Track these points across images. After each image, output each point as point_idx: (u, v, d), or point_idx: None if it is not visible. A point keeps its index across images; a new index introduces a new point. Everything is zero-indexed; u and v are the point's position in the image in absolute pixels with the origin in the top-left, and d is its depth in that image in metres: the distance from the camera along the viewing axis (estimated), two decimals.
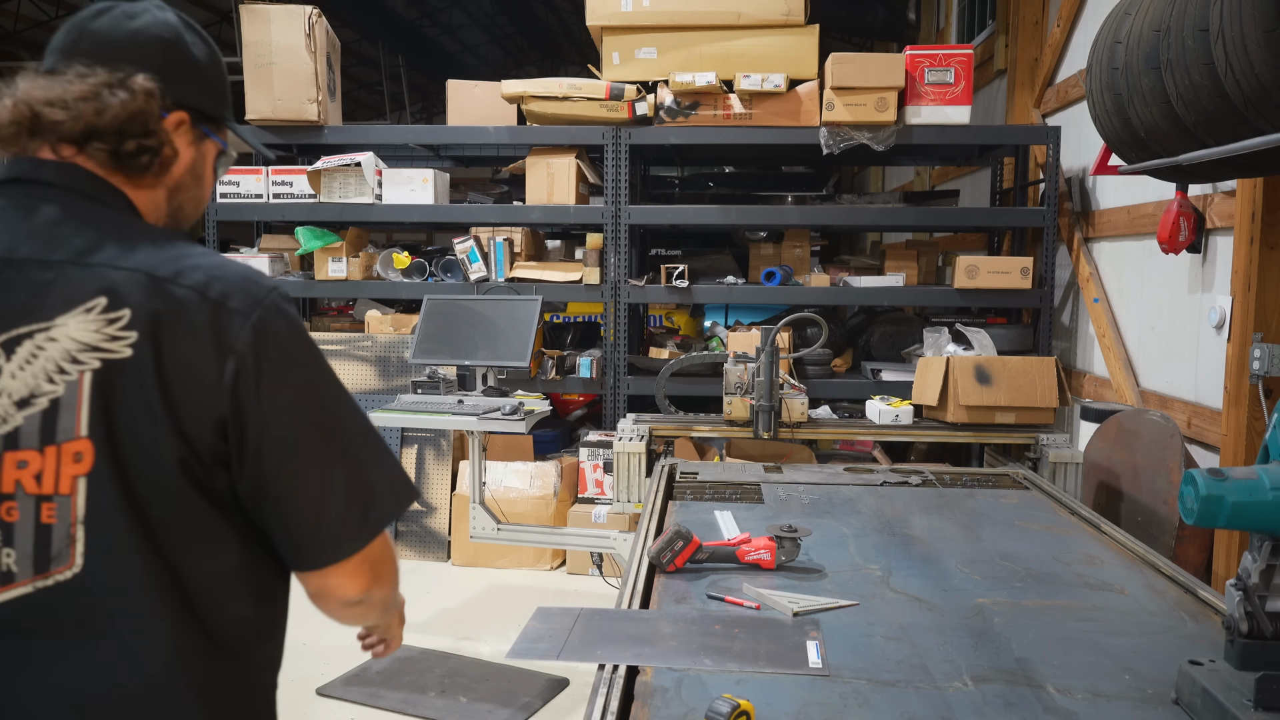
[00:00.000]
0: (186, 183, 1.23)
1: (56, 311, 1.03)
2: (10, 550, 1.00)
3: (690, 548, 2.39)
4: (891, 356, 5.62)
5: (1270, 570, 1.61)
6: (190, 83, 1.20)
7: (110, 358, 1.03)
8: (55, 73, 1.11)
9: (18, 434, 1.02)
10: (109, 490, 1.03)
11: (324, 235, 5.55)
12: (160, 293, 1.05)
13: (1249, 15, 2.31)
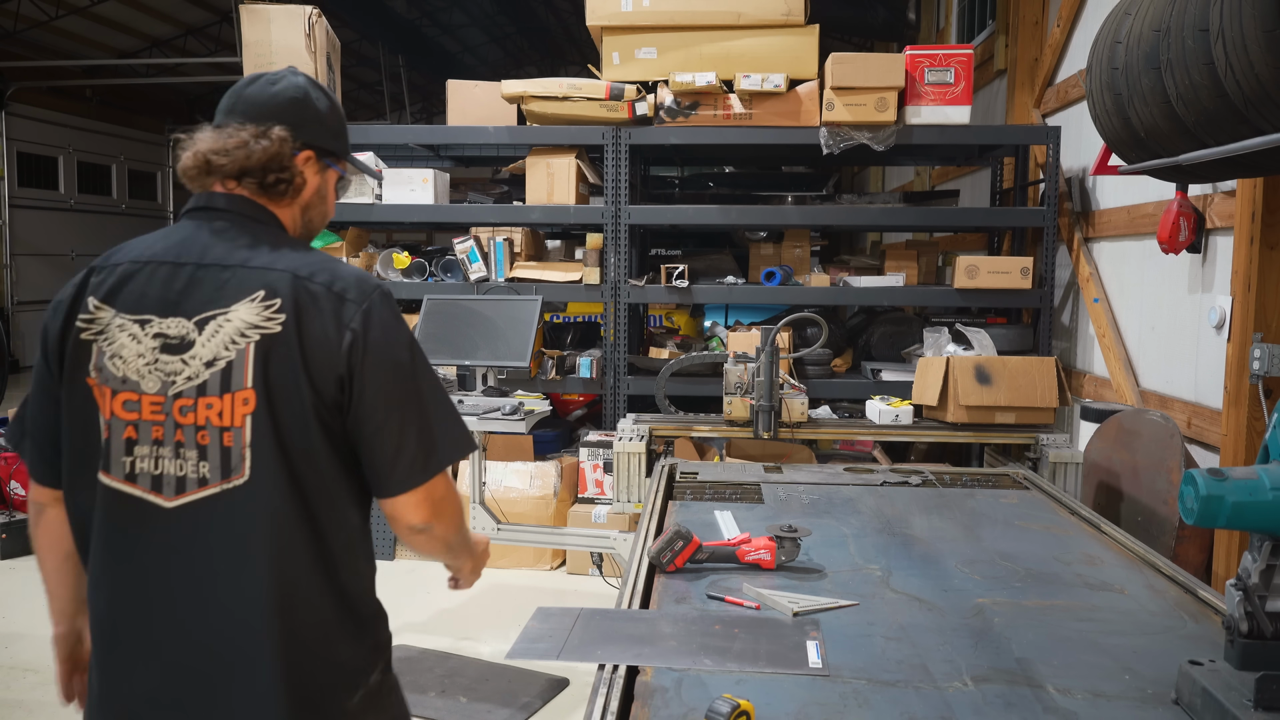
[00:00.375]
0: (314, 202, 1.71)
1: (232, 300, 1.48)
2: (205, 463, 1.46)
3: (690, 548, 2.39)
4: (891, 356, 5.62)
5: (1270, 570, 1.61)
6: (314, 128, 1.64)
7: (268, 332, 1.46)
8: (220, 129, 1.58)
9: (206, 385, 1.47)
10: (265, 424, 1.46)
11: (324, 235, 5.55)
12: (300, 287, 1.48)
13: (1249, 15, 2.31)
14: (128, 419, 1.48)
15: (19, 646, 4.22)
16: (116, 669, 1.49)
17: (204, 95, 17.05)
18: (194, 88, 16.42)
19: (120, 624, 1.48)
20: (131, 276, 1.52)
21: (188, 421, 1.47)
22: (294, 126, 1.60)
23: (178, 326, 1.48)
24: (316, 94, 1.67)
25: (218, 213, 1.57)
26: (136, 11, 13.08)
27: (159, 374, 1.48)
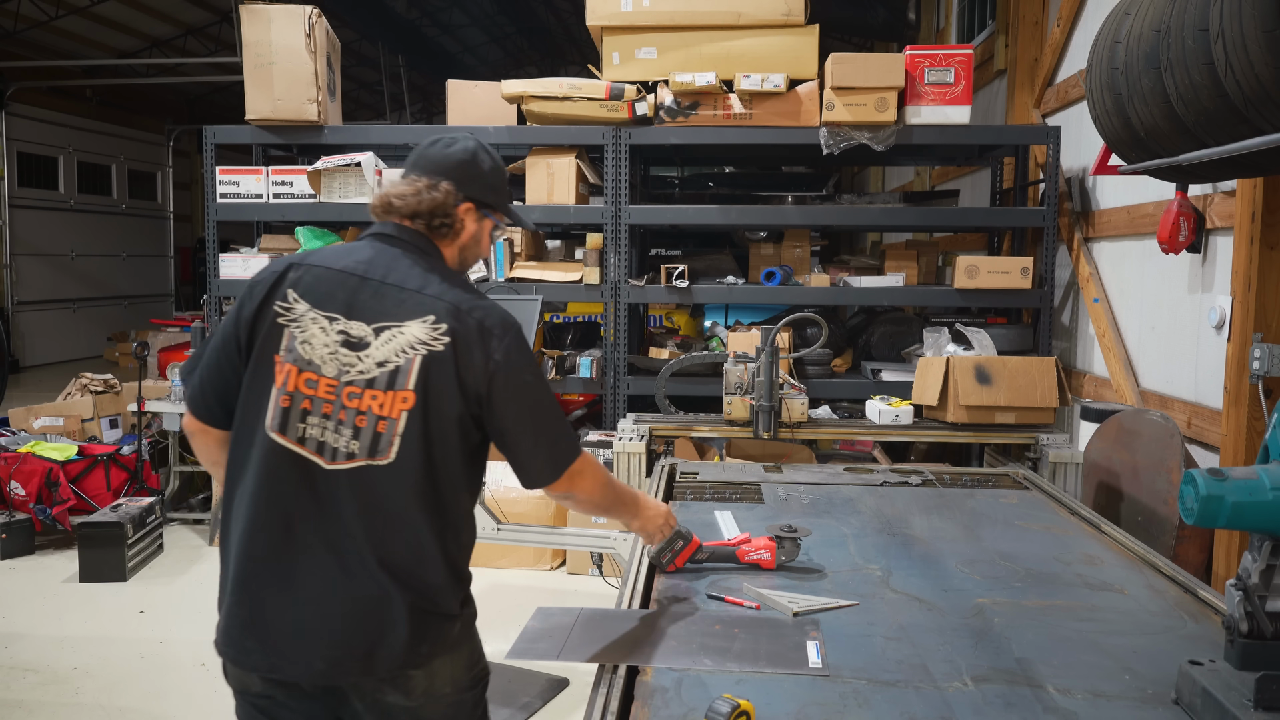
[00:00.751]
0: (470, 244, 2.03)
1: (406, 318, 1.83)
2: (356, 441, 1.80)
3: (690, 548, 2.38)
4: (891, 356, 5.62)
5: (1270, 570, 1.61)
6: (476, 185, 1.99)
7: (432, 350, 1.81)
8: (405, 179, 1.97)
9: (374, 380, 1.81)
10: (417, 421, 1.80)
11: (324, 235, 5.55)
12: (462, 319, 1.84)
13: (1249, 15, 2.31)
14: (306, 394, 1.82)
15: (19, 646, 4.22)
16: (252, 591, 1.84)
17: (204, 95, 17.06)
18: (194, 88, 16.42)
19: (263, 554, 1.82)
20: (325, 280, 1.87)
21: (351, 405, 1.81)
22: (459, 182, 1.96)
23: (359, 329, 1.83)
24: (483, 156, 2.01)
25: (396, 240, 1.94)
26: (136, 11, 13.08)
27: (337, 363, 1.82)
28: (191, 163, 17.65)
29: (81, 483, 5.64)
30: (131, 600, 4.78)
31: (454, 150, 1.98)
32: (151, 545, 5.38)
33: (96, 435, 6.55)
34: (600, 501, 2.08)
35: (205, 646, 4.23)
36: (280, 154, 6.09)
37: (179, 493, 6.21)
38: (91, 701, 3.73)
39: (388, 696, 1.85)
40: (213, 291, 5.65)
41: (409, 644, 1.80)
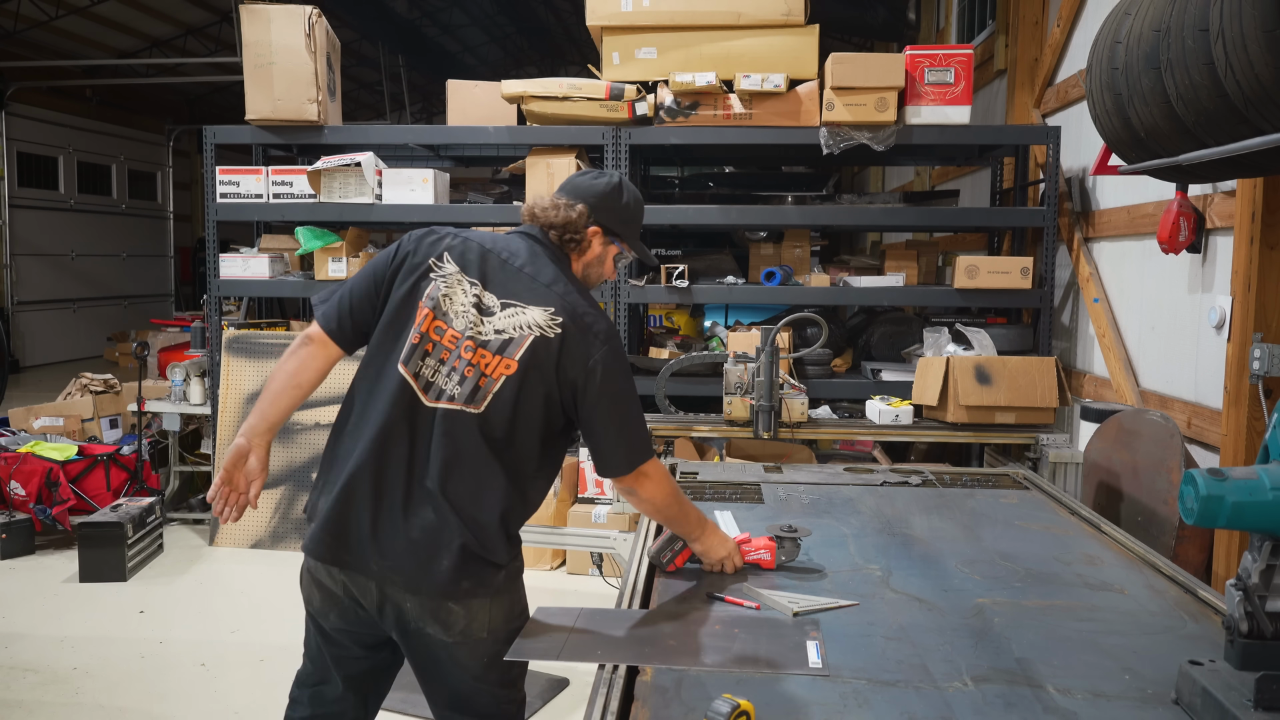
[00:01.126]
0: (593, 263, 2.33)
1: (530, 302, 2.14)
2: (460, 389, 2.10)
3: (690, 548, 2.38)
4: (891, 356, 5.62)
5: (1270, 570, 1.61)
6: (606, 213, 2.29)
7: (545, 334, 2.11)
8: (552, 196, 2.29)
9: (489, 343, 2.12)
10: (512, 387, 2.09)
11: (324, 235, 5.55)
12: (574, 317, 2.13)
13: (1249, 15, 2.31)
14: (433, 339, 2.13)
15: (19, 646, 4.22)
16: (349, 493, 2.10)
17: (204, 95, 17.06)
18: (194, 88, 16.42)
19: (363, 466, 2.09)
20: (475, 252, 2.20)
21: (465, 358, 2.11)
22: (594, 208, 2.27)
23: (489, 299, 2.15)
24: (622, 193, 2.31)
25: (538, 241, 2.25)
26: (136, 11, 13.08)
27: (465, 320, 2.13)
28: (191, 163, 17.65)
29: (81, 483, 5.64)
30: (131, 600, 4.78)
31: (598, 181, 2.30)
32: (151, 545, 5.38)
33: (96, 435, 6.55)
34: (661, 507, 2.27)
35: (205, 646, 4.24)
36: (280, 154, 6.09)
37: (179, 493, 6.21)
38: (91, 701, 3.73)
39: (428, 628, 2.09)
40: (213, 291, 5.66)
41: (451, 575, 2.05)
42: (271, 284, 5.66)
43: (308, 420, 5.57)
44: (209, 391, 5.83)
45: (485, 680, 2.17)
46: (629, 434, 2.17)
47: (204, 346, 5.92)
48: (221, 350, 5.67)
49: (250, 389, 5.64)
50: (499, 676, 2.17)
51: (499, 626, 2.13)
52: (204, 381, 5.97)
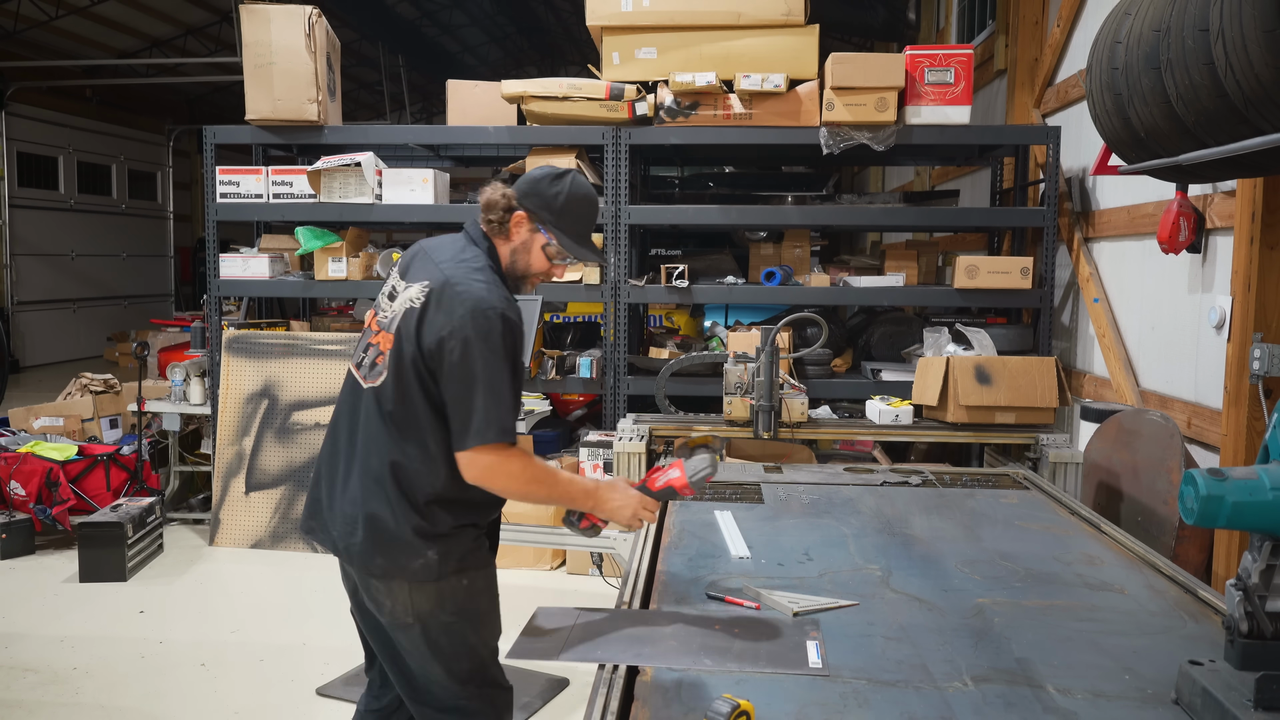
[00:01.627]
0: (519, 250, 2.31)
1: (415, 280, 2.23)
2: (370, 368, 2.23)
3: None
4: (891, 356, 5.62)
5: (1270, 570, 1.61)
6: (533, 198, 2.28)
7: (413, 305, 2.18)
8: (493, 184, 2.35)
9: (384, 323, 2.24)
10: (393, 360, 2.18)
11: (324, 235, 5.55)
12: (445, 286, 2.16)
13: (1249, 15, 2.31)
14: (369, 332, 2.30)
15: (19, 646, 4.22)
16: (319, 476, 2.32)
17: (204, 95, 17.05)
18: (194, 88, 16.42)
19: (325, 449, 2.33)
20: (411, 253, 2.36)
21: (374, 341, 2.26)
22: (521, 194, 2.28)
23: (399, 286, 2.26)
24: (558, 183, 2.28)
25: (466, 230, 2.34)
26: (136, 11, 13.08)
27: (381, 309, 2.29)
28: (191, 163, 17.65)
29: (81, 483, 5.64)
30: (131, 600, 4.78)
31: (538, 173, 2.31)
32: (151, 545, 5.38)
33: (96, 435, 6.55)
34: (518, 494, 2.22)
35: (205, 646, 4.24)
36: (280, 154, 6.09)
37: (179, 493, 6.21)
38: (91, 701, 3.73)
39: (367, 603, 2.26)
40: (213, 291, 5.66)
41: (364, 548, 2.17)
42: (271, 284, 5.65)
43: (307, 420, 5.57)
44: (209, 391, 5.83)
45: (433, 671, 2.23)
46: (475, 410, 2.10)
47: (204, 346, 5.92)
48: (221, 350, 5.67)
49: (250, 389, 5.64)
50: (446, 668, 2.23)
51: (426, 615, 2.19)
52: (204, 381, 5.97)
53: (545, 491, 2.23)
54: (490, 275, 2.22)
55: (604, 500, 2.28)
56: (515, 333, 2.16)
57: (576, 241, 2.30)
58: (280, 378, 5.60)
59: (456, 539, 2.21)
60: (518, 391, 2.20)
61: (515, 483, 2.17)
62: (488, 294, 2.15)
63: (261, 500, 5.58)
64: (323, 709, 3.67)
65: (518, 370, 2.18)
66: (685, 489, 2.28)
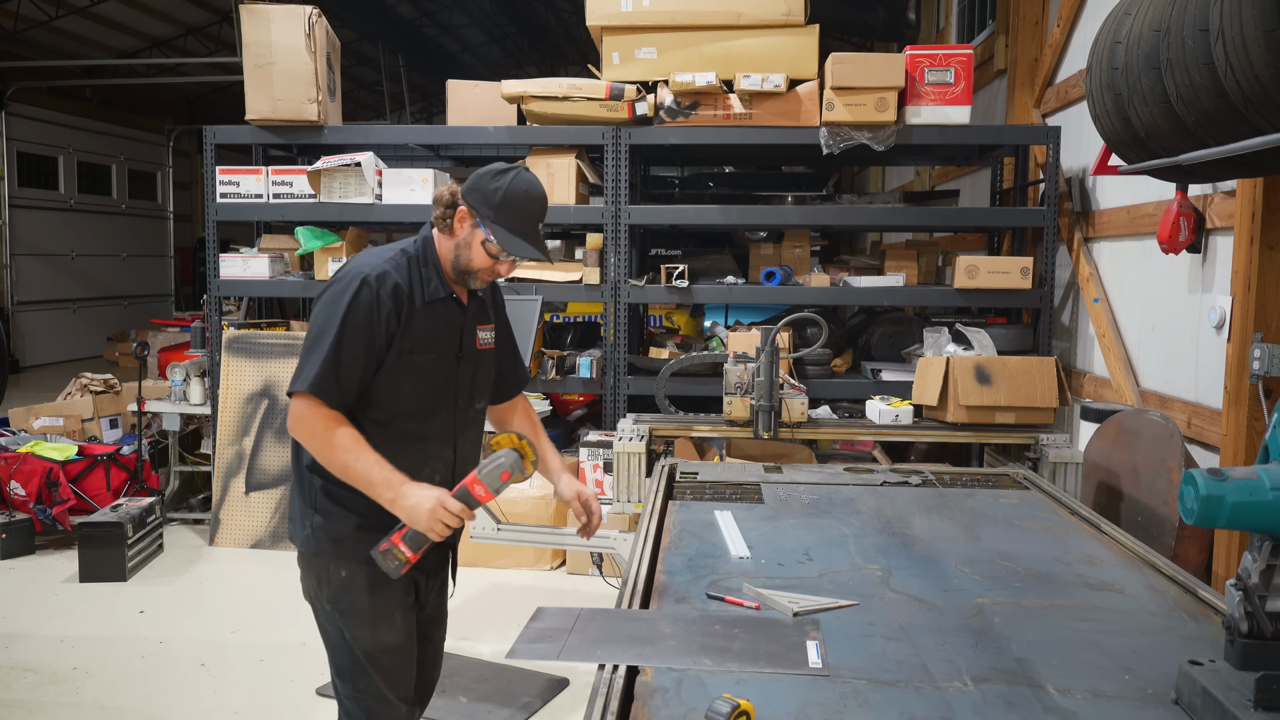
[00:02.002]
0: (461, 246, 2.30)
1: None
2: None
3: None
4: (891, 356, 5.62)
5: (1270, 570, 1.61)
6: (474, 193, 2.26)
7: None
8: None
9: None
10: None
11: (324, 235, 5.55)
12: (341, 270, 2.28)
13: (1249, 15, 2.31)
14: None
15: (19, 646, 4.22)
16: None
17: (204, 95, 17.05)
18: (194, 88, 16.42)
19: None
20: None
21: None
22: (465, 189, 2.28)
23: None
24: (501, 179, 2.25)
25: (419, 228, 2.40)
26: (136, 11, 13.08)
27: None
28: (191, 163, 17.65)
29: (81, 483, 5.64)
30: (131, 600, 4.78)
31: (486, 170, 2.27)
32: (151, 545, 5.38)
33: (96, 435, 6.55)
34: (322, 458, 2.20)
35: (205, 646, 4.24)
36: (280, 154, 6.09)
37: (179, 493, 6.21)
38: (91, 701, 3.73)
39: None
40: (213, 291, 5.66)
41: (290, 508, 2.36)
42: (271, 284, 5.66)
43: None
44: (209, 391, 5.83)
45: (327, 656, 2.34)
46: (302, 359, 2.19)
47: (204, 346, 5.92)
48: (221, 350, 5.67)
49: (250, 389, 5.64)
50: (330, 657, 2.33)
51: (312, 595, 2.31)
52: (204, 381, 5.97)
53: (342, 461, 2.15)
54: (395, 257, 2.26)
55: (402, 495, 2.14)
56: (371, 298, 2.17)
57: (518, 237, 2.25)
58: (280, 378, 5.60)
59: (335, 519, 2.26)
60: (354, 355, 2.17)
61: (315, 441, 2.17)
62: (363, 263, 2.22)
63: (261, 500, 5.58)
64: (323, 709, 3.67)
65: (360, 334, 2.16)
66: (476, 484, 2.16)
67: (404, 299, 2.22)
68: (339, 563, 2.26)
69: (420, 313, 2.27)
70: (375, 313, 2.17)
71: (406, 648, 2.38)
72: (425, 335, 2.28)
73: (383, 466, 2.15)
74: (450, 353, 2.34)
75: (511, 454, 2.19)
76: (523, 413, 2.69)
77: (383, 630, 2.31)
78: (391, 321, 2.20)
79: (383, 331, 2.19)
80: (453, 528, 2.16)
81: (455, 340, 2.35)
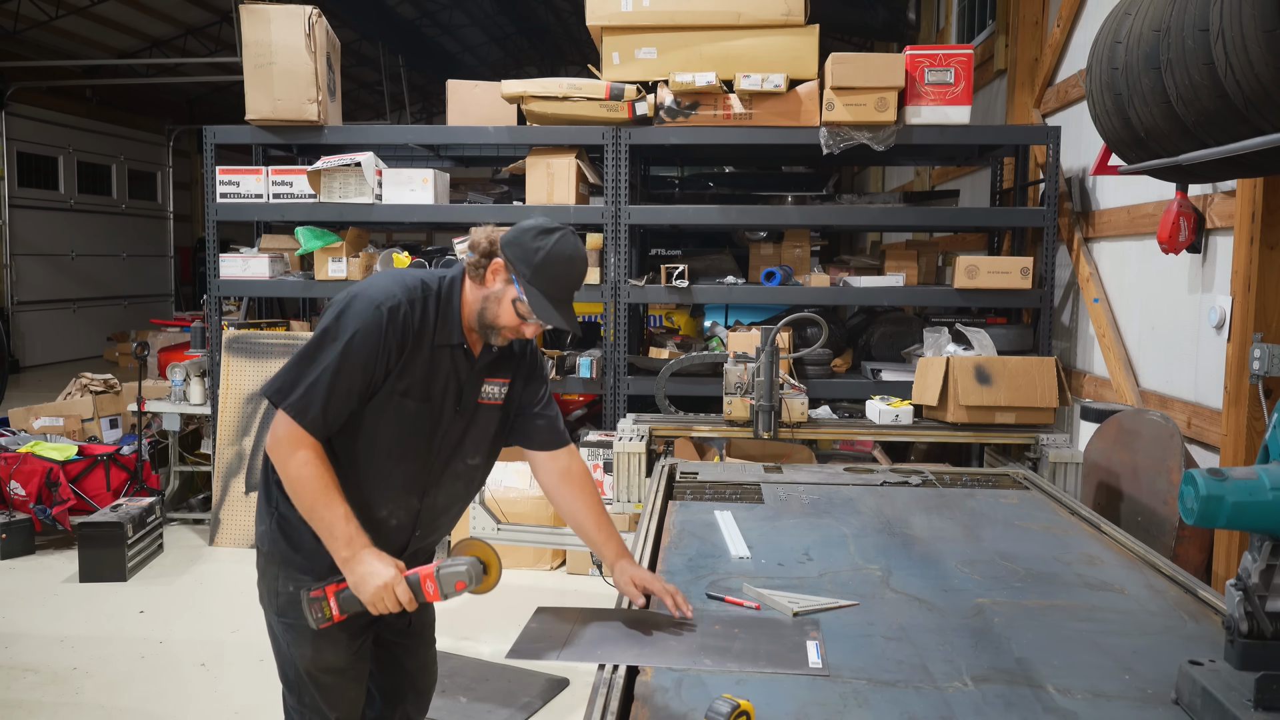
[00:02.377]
0: (490, 298, 2.15)
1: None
2: None
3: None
4: (891, 356, 5.62)
5: (1270, 570, 1.61)
6: (513, 247, 2.11)
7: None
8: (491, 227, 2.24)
9: None
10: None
11: (324, 235, 5.55)
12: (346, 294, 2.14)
13: (1249, 15, 2.31)
14: None
15: (19, 646, 4.22)
16: None
17: (204, 95, 17.05)
18: (194, 88, 16.41)
19: None
20: None
21: None
22: (505, 242, 2.13)
23: None
24: (544, 238, 2.10)
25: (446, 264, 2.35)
26: (136, 11, 13.08)
27: None
28: (191, 163, 17.65)
29: (81, 483, 5.64)
30: (131, 600, 4.78)
31: (529, 224, 2.15)
32: (151, 545, 5.38)
33: (96, 435, 6.55)
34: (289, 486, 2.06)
35: (205, 646, 4.24)
36: (280, 154, 6.09)
37: (179, 493, 6.21)
38: (91, 701, 3.73)
39: None
40: (213, 291, 5.65)
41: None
42: (271, 284, 5.66)
43: None
44: (209, 391, 5.83)
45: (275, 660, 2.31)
46: (285, 370, 2.06)
47: (204, 346, 5.92)
48: (221, 350, 5.67)
49: (250, 389, 5.64)
50: (278, 665, 2.31)
51: (265, 600, 2.25)
52: (204, 381, 5.97)
53: (310, 502, 2.02)
54: (416, 288, 2.11)
55: (358, 560, 2.00)
56: (380, 327, 2.03)
57: (551, 303, 2.09)
58: None
59: (293, 530, 2.15)
60: (349, 386, 2.04)
61: (287, 471, 2.03)
62: (381, 287, 2.09)
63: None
64: None
65: (360, 365, 2.03)
66: (429, 580, 2.01)
67: (411, 335, 2.09)
68: (288, 576, 2.17)
69: (424, 356, 2.12)
70: (380, 344, 2.04)
71: (351, 669, 2.28)
72: (422, 380, 2.13)
73: (349, 521, 2.01)
74: (443, 404, 2.17)
75: (476, 565, 2.03)
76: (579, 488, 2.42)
77: (325, 650, 2.21)
78: (393, 357, 2.07)
79: (382, 365, 2.07)
80: (393, 611, 2.02)
81: (455, 392, 2.18)
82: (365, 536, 2.03)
